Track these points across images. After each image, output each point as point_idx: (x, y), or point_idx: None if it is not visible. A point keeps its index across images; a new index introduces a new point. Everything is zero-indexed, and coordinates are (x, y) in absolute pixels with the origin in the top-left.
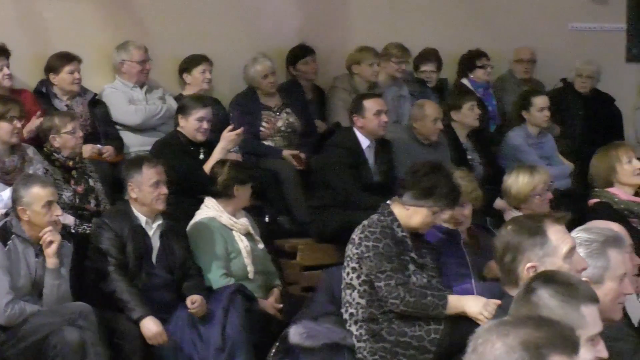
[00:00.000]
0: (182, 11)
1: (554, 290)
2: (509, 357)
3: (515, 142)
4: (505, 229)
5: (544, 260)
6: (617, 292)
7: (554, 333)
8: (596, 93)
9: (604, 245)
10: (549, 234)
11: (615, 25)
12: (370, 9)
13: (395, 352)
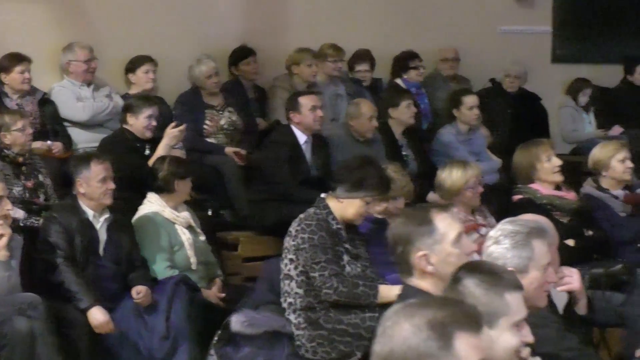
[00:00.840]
0: (129, 13)
1: (478, 279)
2: (416, 337)
3: (446, 139)
4: (395, 222)
5: (433, 247)
6: (542, 281)
7: (458, 312)
8: (523, 92)
9: (529, 236)
10: (436, 222)
11: (541, 27)
12: (308, 13)
13: (332, 340)
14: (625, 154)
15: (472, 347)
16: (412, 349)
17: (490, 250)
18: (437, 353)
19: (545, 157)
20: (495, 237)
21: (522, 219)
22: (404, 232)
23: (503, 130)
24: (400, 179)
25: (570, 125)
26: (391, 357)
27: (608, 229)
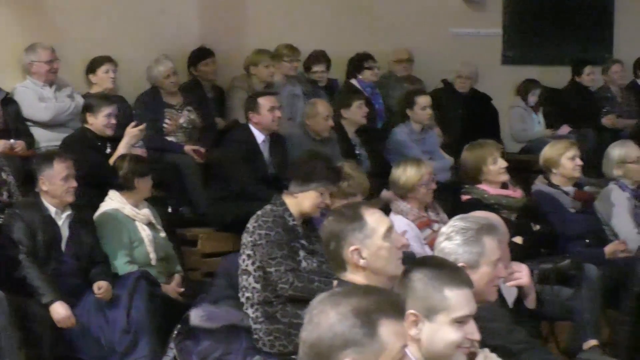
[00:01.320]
0: (90, 14)
1: (422, 273)
2: (342, 324)
3: (400, 138)
4: (327, 219)
5: (365, 242)
6: (492, 275)
7: (382, 299)
8: (474, 93)
9: (479, 232)
10: (366, 217)
11: (492, 30)
12: (265, 14)
13: (288, 333)
14: (575, 152)
15: (395, 334)
16: (338, 336)
17: (442, 246)
18: (363, 340)
19: (491, 159)
20: (447, 234)
21: (473, 216)
22: (335, 228)
23: (455, 129)
24: (357, 175)
25: (519, 124)
26: (318, 343)
27: (558, 225)
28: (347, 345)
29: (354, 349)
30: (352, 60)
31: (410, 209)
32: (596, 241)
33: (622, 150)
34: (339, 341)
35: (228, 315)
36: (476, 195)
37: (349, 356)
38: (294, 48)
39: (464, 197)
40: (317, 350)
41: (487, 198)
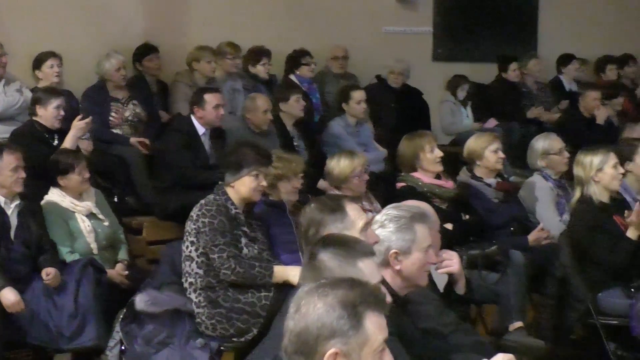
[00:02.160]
0: (38, 10)
1: (331, 252)
2: (329, 315)
3: (336, 131)
4: (309, 207)
5: (343, 232)
6: (423, 261)
7: (367, 292)
8: (406, 88)
9: (411, 220)
10: (348, 210)
11: (423, 28)
12: (207, 12)
13: (230, 317)
14: (497, 145)
15: (379, 326)
16: (325, 327)
17: (377, 234)
18: (349, 331)
19: (429, 148)
20: (380, 221)
21: (406, 205)
22: (317, 216)
23: (388, 122)
24: (289, 157)
25: (449, 118)
26: (305, 333)
27: (483, 214)
28: (334, 335)
29: (339, 340)
30: (290, 56)
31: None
32: (521, 229)
33: (546, 143)
34: (325, 331)
35: (171, 300)
36: (411, 183)
37: (334, 346)
38: (236, 45)
39: (398, 185)
40: (303, 339)
41: (421, 186)
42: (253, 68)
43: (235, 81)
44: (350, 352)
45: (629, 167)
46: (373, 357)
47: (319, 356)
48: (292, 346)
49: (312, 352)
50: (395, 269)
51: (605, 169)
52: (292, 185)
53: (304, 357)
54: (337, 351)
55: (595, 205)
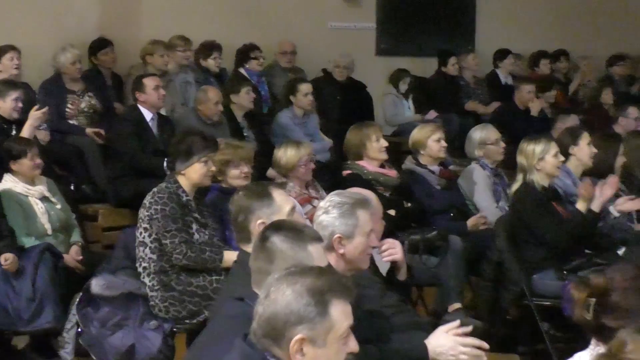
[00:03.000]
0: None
1: (283, 235)
2: (297, 302)
3: (284, 122)
4: (237, 194)
5: (271, 217)
6: (365, 245)
7: (334, 281)
8: (351, 81)
9: (354, 206)
10: (274, 196)
11: (367, 24)
12: (160, 7)
13: (182, 300)
14: (440, 134)
15: (344, 313)
16: (293, 313)
17: (321, 219)
18: (315, 317)
19: (375, 137)
20: (324, 208)
21: (348, 192)
22: (245, 203)
23: (333, 114)
24: (236, 144)
25: (392, 110)
26: (274, 318)
27: (425, 201)
28: (301, 322)
29: (306, 326)
30: (240, 50)
31: (292, 186)
32: (460, 215)
33: (483, 133)
34: (293, 317)
35: (126, 284)
36: (356, 170)
37: (301, 332)
38: (187, 39)
39: (344, 172)
40: (272, 324)
41: (366, 174)
42: (204, 62)
43: (187, 74)
44: (316, 337)
45: (573, 151)
46: (338, 342)
47: (286, 341)
48: (260, 330)
49: (279, 337)
50: (339, 252)
51: (546, 157)
52: (240, 171)
53: (271, 341)
54: (304, 337)
55: (537, 190)
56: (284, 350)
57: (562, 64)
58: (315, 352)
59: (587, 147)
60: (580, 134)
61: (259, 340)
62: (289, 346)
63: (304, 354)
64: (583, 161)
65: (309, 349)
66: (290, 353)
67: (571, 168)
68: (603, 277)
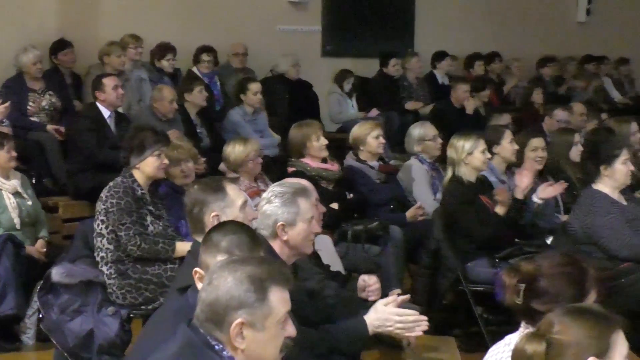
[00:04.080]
0: None
1: (232, 234)
2: (237, 288)
3: (234, 119)
4: (192, 188)
5: (224, 210)
6: (308, 231)
7: (274, 269)
8: (298, 81)
9: (294, 195)
10: (228, 190)
11: (313, 27)
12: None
13: (138, 287)
14: (379, 132)
15: (282, 300)
16: (234, 298)
17: (264, 209)
18: (255, 303)
19: (315, 137)
20: (267, 198)
21: (288, 182)
22: (200, 196)
23: (281, 112)
24: (184, 144)
25: (336, 108)
26: (216, 303)
27: (366, 193)
28: (241, 307)
29: (246, 310)
30: (194, 52)
31: (242, 180)
32: (400, 207)
33: (422, 130)
34: (234, 303)
35: (85, 272)
36: (300, 167)
37: (241, 316)
38: (137, 37)
39: (289, 169)
40: (214, 309)
41: (309, 170)
42: (159, 62)
43: (141, 70)
44: (255, 322)
45: (497, 150)
46: (276, 327)
47: (227, 325)
48: (203, 315)
49: (221, 321)
50: (283, 239)
51: (475, 153)
52: (181, 169)
53: (213, 325)
54: (244, 321)
55: (464, 184)
56: (225, 334)
57: (496, 65)
58: (254, 336)
59: (509, 144)
60: (503, 132)
61: (202, 324)
62: (230, 330)
63: (243, 337)
64: (506, 158)
65: (248, 332)
66: (231, 336)
67: (495, 165)
68: (532, 264)
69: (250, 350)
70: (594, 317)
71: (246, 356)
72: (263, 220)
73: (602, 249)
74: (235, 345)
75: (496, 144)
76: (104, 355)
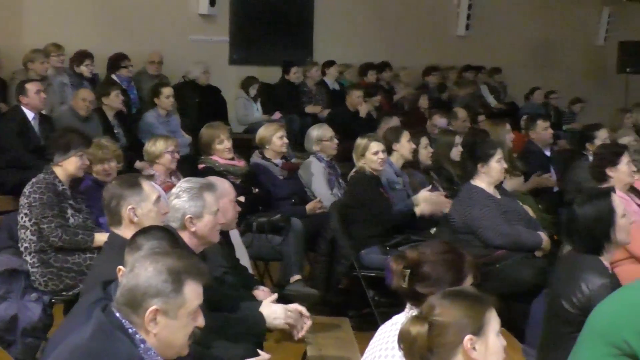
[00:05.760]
0: None
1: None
2: (156, 278)
3: (149, 121)
4: (110, 184)
5: (140, 204)
6: (214, 222)
7: (191, 264)
8: (208, 86)
9: (200, 190)
10: (143, 186)
11: (221, 38)
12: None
13: (60, 275)
14: (282, 132)
15: (195, 293)
16: (152, 287)
17: (173, 203)
18: (170, 293)
19: (219, 140)
20: (176, 193)
21: (195, 178)
22: (118, 191)
23: (193, 114)
24: (110, 145)
25: (243, 111)
26: (135, 289)
27: (270, 188)
28: (157, 295)
29: (161, 299)
30: (112, 58)
31: (157, 175)
32: (300, 200)
33: (320, 131)
34: (151, 291)
35: (10, 262)
36: (209, 164)
37: (156, 304)
38: (59, 45)
39: (200, 166)
40: (133, 294)
41: (218, 166)
42: (78, 68)
43: (63, 76)
44: (169, 310)
45: (396, 148)
46: (187, 317)
47: (143, 310)
48: (122, 298)
49: (137, 306)
50: (191, 230)
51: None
52: (104, 168)
53: (130, 309)
54: (158, 308)
55: (368, 178)
56: (140, 318)
57: (386, 74)
58: (166, 322)
59: (407, 143)
60: (401, 132)
61: (120, 308)
62: (145, 315)
63: (156, 323)
64: (404, 156)
65: (161, 319)
66: (145, 321)
67: (393, 161)
68: (417, 251)
69: (161, 335)
70: (470, 299)
71: (157, 340)
72: (172, 214)
73: (479, 238)
74: (148, 329)
75: (396, 142)
76: (28, 337)
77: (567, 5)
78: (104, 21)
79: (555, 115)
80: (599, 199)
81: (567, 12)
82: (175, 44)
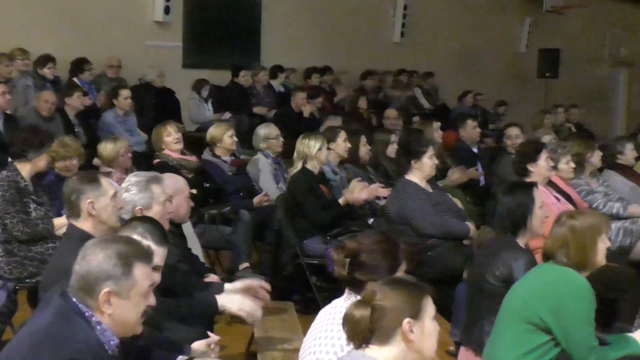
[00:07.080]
0: None
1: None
2: (106, 263)
3: (108, 120)
4: (71, 179)
5: (99, 198)
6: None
7: (138, 248)
8: (163, 88)
9: (148, 182)
10: (102, 182)
11: (175, 43)
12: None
13: (24, 264)
14: (232, 131)
15: (145, 275)
16: (103, 271)
17: (124, 197)
18: (121, 276)
19: (167, 133)
20: (125, 187)
21: (143, 172)
22: (78, 185)
23: (149, 114)
24: (73, 144)
25: (195, 111)
26: (87, 275)
27: (220, 183)
28: (109, 278)
29: (113, 282)
30: (74, 62)
31: (115, 172)
32: (248, 194)
33: (267, 130)
34: (103, 275)
35: None
36: (163, 158)
37: (108, 287)
38: (24, 50)
39: (155, 161)
40: (86, 280)
41: (172, 160)
42: (41, 70)
43: (27, 79)
44: (121, 291)
45: (332, 147)
46: (139, 297)
47: (97, 293)
48: (77, 284)
49: (91, 290)
50: None
51: (322, 149)
52: (65, 164)
53: (85, 294)
54: (111, 290)
55: (311, 175)
56: (94, 301)
57: (328, 77)
58: (119, 303)
59: (343, 142)
60: (338, 132)
61: (75, 293)
62: (99, 297)
63: (110, 304)
64: (340, 154)
65: (115, 300)
66: (99, 303)
67: (330, 159)
68: (355, 241)
69: (115, 315)
70: (409, 286)
71: (112, 320)
72: (124, 207)
73: (412, 228)
74: (103, 310)
75: (332, 141)
76: None
77: (493, 16)
78: (66, 28)
79: (482, 116)
80: (522, 188)
81: (492, 22)
82: (132, 49)
